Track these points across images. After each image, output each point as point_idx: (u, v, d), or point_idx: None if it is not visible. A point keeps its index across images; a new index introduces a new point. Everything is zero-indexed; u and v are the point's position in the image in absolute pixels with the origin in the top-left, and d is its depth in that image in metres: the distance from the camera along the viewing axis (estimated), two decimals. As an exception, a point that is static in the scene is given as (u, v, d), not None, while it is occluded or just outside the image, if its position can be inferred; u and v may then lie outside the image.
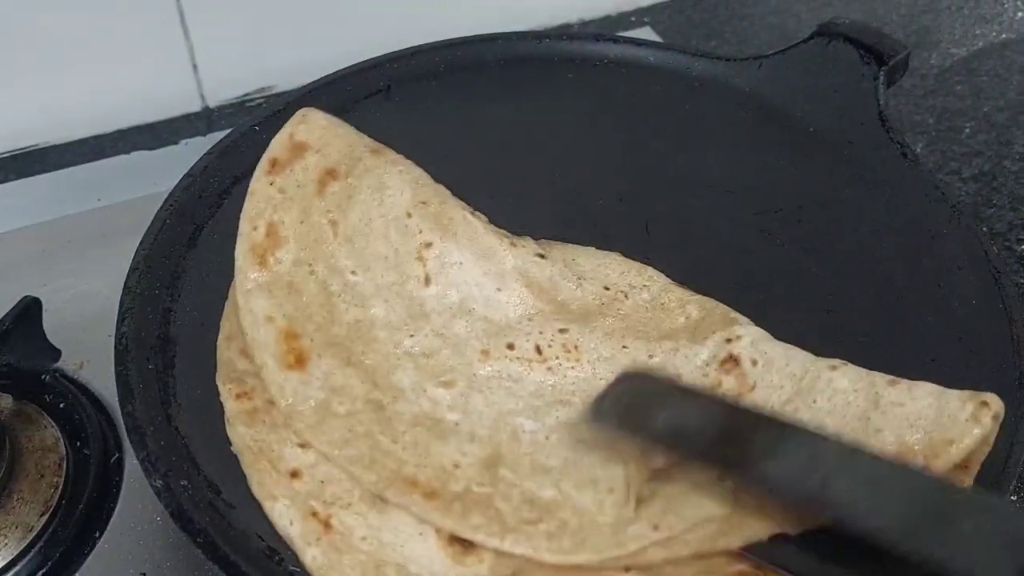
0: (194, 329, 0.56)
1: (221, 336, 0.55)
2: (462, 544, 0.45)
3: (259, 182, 0.57)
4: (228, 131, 0.67)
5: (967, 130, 0.93)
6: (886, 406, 0.47)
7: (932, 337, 0.56)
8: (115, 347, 0.52)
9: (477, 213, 0.59)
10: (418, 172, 0.60)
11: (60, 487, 0.59)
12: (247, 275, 0.54)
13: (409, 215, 0.57)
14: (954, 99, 0.98)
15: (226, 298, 0.57)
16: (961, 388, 0.49)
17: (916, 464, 0.44)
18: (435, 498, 0.46)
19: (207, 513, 0.46)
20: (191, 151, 0.64)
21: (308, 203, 0.57)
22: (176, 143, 0.89)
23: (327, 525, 0.46)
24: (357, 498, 0.47)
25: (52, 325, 0.66)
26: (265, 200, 0.57)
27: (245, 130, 0.66)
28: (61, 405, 0.63)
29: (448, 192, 0.59)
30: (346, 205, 0.57)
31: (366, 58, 0.74)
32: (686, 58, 0.75)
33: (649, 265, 0.58)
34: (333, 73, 0.72)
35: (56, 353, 0.66)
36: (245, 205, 0.57)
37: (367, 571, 0.44)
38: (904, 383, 0.48)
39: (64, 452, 0.61)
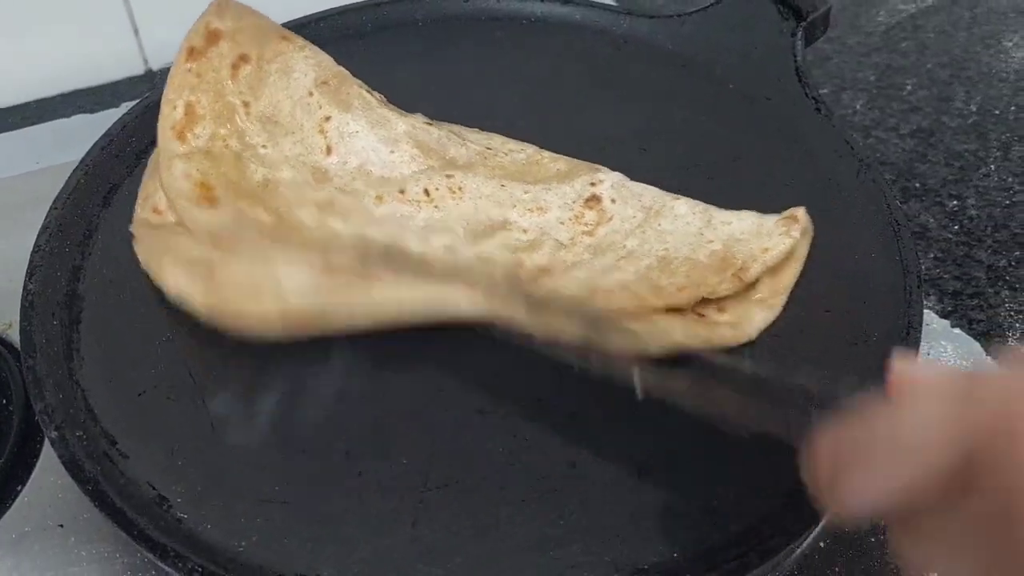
0: (104, 286, 0.57)
1: (138, 201, 0.60)
2: None
3: (177, 67, 0.62)
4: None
5: (908, 87, 0.93)
6: (717, 224, 0.57)
7: (829, 286, 0.56)
8: (21, 304, 0.53)
9: (374, 92, 0.64)
10: (323, 57, 0.65)
11: (-20, 442, 0.60)
12: (167, 148, 0.59)
13: (311, 94, 0.63)
14: (898, 56, 0.97)
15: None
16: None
17: None
18: None
19: (99, 463, 0.47)
20: (132, 114, 0.65)
21: (222, 86, 0.62)
22: (117, 106, 0.90)
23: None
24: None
25: (-19, 287, 0.67)
26: (183, 83, 0.61)
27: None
28: (-13, 364, 0.64)
29: (348, 73, 0.64)
30: (257, 87, 0.63)
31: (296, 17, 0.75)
32: (611, 15, 0.75)
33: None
34: (257, 34, 0.72)
35: (-17, 314, 0.67)
36: (164, 88, 0.61)
37: None
38: (733, 211, 0.58)
39: (-15, 408, 0.62)
